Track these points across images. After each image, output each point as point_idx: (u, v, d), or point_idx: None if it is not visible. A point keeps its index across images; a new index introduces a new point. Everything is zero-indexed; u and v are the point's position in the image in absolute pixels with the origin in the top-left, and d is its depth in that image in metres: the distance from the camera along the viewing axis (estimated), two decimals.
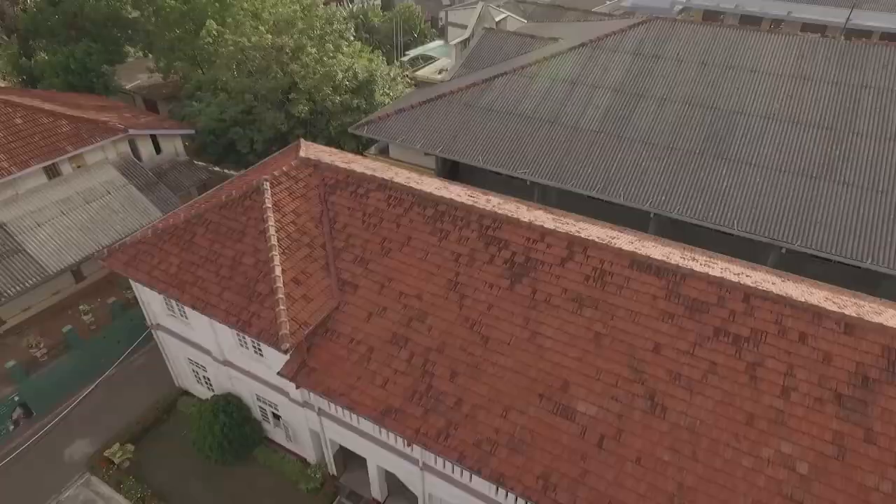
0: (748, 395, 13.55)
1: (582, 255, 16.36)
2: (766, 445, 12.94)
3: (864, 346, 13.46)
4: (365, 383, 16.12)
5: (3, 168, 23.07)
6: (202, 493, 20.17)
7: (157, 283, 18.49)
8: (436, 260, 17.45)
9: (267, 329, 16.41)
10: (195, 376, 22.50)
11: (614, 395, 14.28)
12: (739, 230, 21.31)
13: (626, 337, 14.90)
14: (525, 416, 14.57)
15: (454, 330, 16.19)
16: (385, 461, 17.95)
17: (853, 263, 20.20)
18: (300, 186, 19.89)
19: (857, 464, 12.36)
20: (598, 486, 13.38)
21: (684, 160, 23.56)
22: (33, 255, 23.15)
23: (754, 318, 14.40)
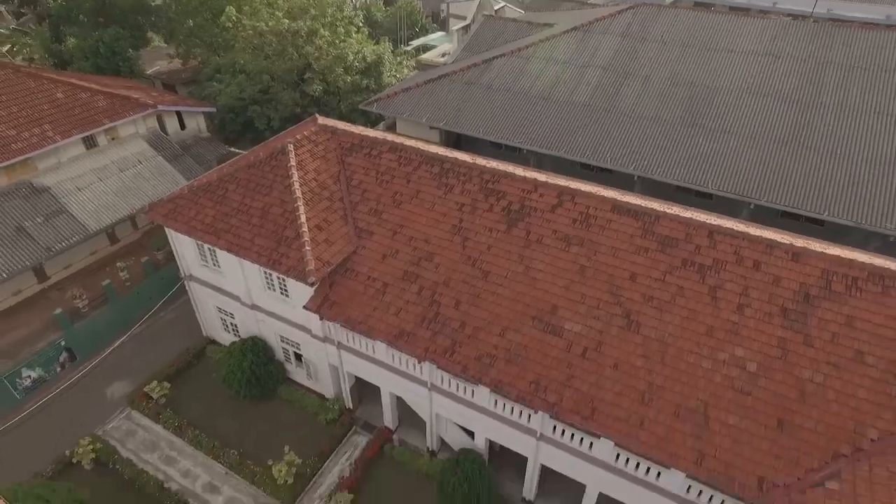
0: (709, 311, 15.91)
1: (570, 203, 18.69)
2: (723, 351, 15.30)
3: (808, 270, 15.81)
4: (380, 313, 18.48)
5: (49, 137, 25.40)
6: (231, 424, 22.49)
7: (194, 232, 20.84)
8: (442, 209, 19.79)
9: (295, 266, 18.77)
10: (223, 324, 24.82)
11: (596, 316, 16.64)
12: (713, 189, 23.65)
13: (607, 268, 17.25)
14: (519, 334, 16.93)
15: (458, 267, 18.54)
16: (397, 387, 20.29)
17: (814, 216, 22.52)
18: (320, 149, 22.22)
19: (796, 362, 14.72)
20: (582, 387, 15.74)
21: (666, 130, 25.90)
22: (75, 216, 25.48)
23: (716, 250, 16.74)
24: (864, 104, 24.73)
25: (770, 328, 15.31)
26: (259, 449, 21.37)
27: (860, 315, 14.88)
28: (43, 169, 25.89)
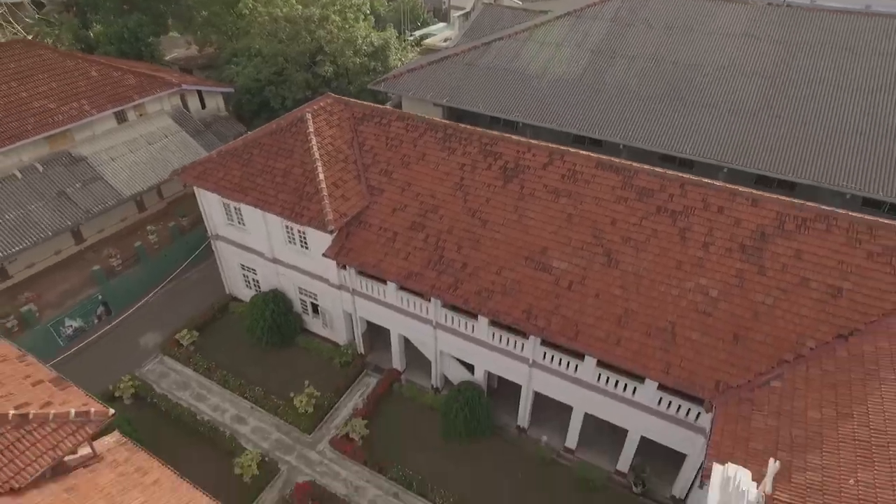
0: (678, 249, 18.28)
1: (559, 161, 21.05)
2: (689, 281, 17.68)
3: (764, 213, 18.17)
4: (391, 257, 20.87)
5: (85, 111, 27.77)
6: (254, 368, 24.87)
7: (223, 190, 23.24)
8: (445, 169, 22.16)
9: (315, 217, 21.16)
10: (245, 281, 27.20)
11: (580, 255, 19.02)
12: (692, 155, 25.98)
13: (591, 215, 19.62)
14: (514, 272, 19.31)
15: (460, 217, 20.92)
16: (405, 328, 22.68)
17: (783, 178, 24.82)
18: (335, 118, 24.59)
19: (751, 288, 17.10)
20: (567, 314, 18.13)
21: (650, 104, 28.24)
22: (110, 183, 27.87)
23: (686, 198, 19.09)
24: (829, 81, 27.08)
25: (730, 261, 17.68)
26: (280, 388, 23.73)
27: (807, 248, 17.24)
28: (79, 140, 28.27)
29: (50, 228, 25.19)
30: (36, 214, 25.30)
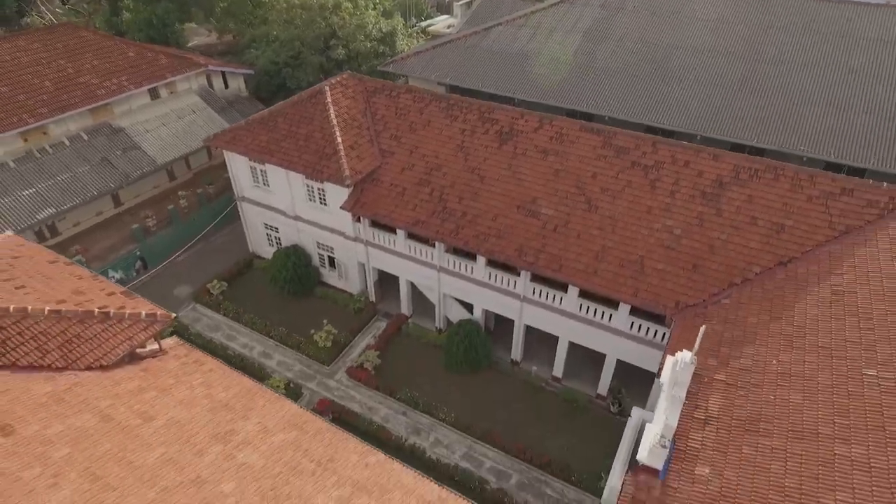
0: (648, 197, 21.19)
1: (548, 125, 23.96)
2: (657, 222, 20.60)
3: (723, 166, 21.05)
4: (401, 208, 23.83)
5: (124, 86, 30.79)
6: (278, 314, 27.82)
7: (252, 152, 26.23)
8: (448, 133, 25.09)
9: (334, 173, 24.14)
10: (268, 239, 30.18)
11: (565, 203, 21.95)
12: (671, 126, 28.82)
13: (575, 170, 22.54)
14: (507, 218, 22.25)
15: (460, 174, 23.86)
16: (412, 274, 25.64)
17: (754, 145, 27.65)
18: (350, 91, 27.54)
19: (709, 227, 20.01)
20: (553, 251, 21.07)
21: (635, 81, 31.09)
22: (146, 151, 30.89)
23: (657, 154, 21.99)
24: (795, 59, 29.93)
25: (692, 206, 20.59)
26: (300, 329, 26.67)
27: (757, 194, 20.14)
28: (118, 113, 31.29)
29: (95, 189, 28.22)
30: (83, 177, 28.33)
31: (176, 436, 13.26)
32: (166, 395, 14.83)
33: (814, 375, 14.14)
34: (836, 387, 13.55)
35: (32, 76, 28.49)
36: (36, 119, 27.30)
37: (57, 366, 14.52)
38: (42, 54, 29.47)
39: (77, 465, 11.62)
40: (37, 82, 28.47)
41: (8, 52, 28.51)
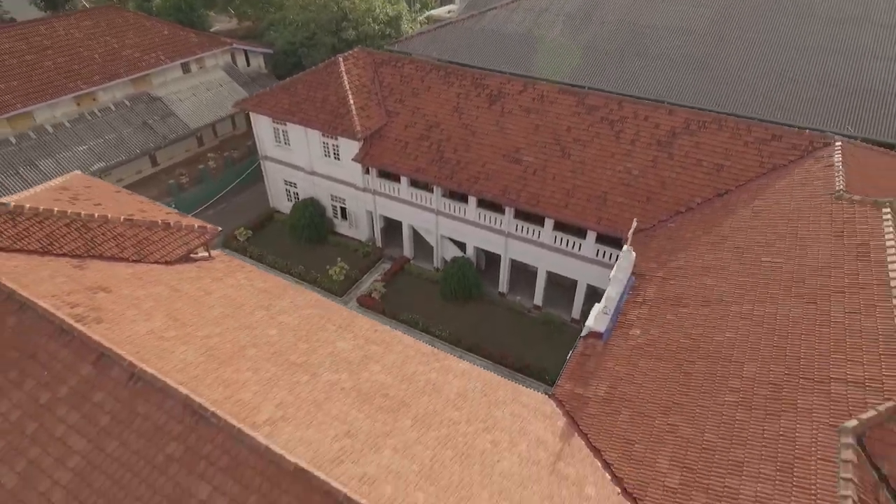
0: (613, 145, 24.95)
1: (532, 89, 27.73)
2: (619, 165, 24.35)
3: (676, 119, 24.76)
4: (404, 159, 27.67)
5: (161, 60, 34.76)
6: (296, 258, 31.64)
7: (276, 113, 30.12)
8: (445, 97, 28.88)
9: (347, 129, 27.99)
10: (286, 195, 34.08)
11: (543, 152, 25.72)
12: (645, 95, 32.50)
13: (552, 125, 26.30)
14: (495, 165, 26.05)
15: (455, 130, 27.67)
16: (413, 219, 29.48)
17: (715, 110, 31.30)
18: (360, 62, 31.39)
19: (661, 168, 23.76)
20: (532, 190, 24.86)
21: (613, 58, 34.80)
22: (180, 117, 34.86)
23: (622, 111, 25.73)
24: (756, 37, 33.59)
25: (649, 151, 24.34)
26: (316, 269, 30.56)
27: (703, 141, 23.87)
28: (156, 84, 35.27)
29: (138, 148, 32.20)
30: (127, 137, 32.31)
31: (229, 303, 17.18)
32: (218, 282, 18.75)
33: (726, 266, 17.92)
34: (740, 271, 17.33)
35: (84, 49, 32.49)
36: (88, 86, 31.29)
37: (132, 259, 18.45)
38: (91, 31, 33.46)
39: (160, 311, 15.56)
40: (87, 55, 32.47)
41: (63, 28, 32.51)
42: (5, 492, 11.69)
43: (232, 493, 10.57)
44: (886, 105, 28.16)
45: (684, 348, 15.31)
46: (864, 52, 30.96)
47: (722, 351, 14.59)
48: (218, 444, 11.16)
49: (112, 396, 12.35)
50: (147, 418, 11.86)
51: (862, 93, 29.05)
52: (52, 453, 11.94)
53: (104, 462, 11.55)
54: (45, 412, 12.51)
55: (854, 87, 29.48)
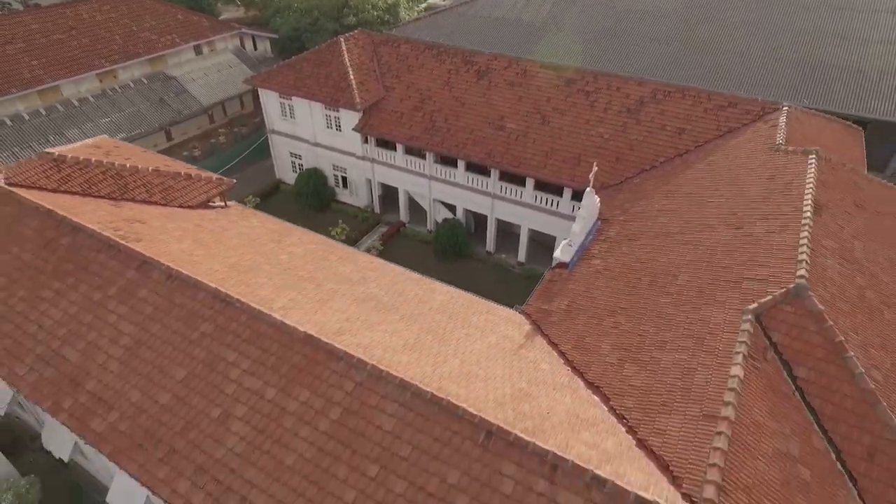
0: (588, 113, 27.50)
1: (516, 65, 30.27)
2: (593, 131, 26.91)
3: (645, 89, 27.28)
4: (400, 127, 30.25)
5: (176, 42, 37.35)
6: (301, 222, 33.90)
7: (283, 88, 32.70)
8: (437, 73, 31.44)
9: (348, 100, 30.57)
10: (292, 166, 36.67)
11: (525, 120, 28.29)
12: (622, 73, 35.06)
13: (534, 97, 28.85)
14: (481, 132, 28.63)
15: (446, 101, 30.24)
16: (408, 184, 32.08)
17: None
18: (360, 43, 33.96)
19: (630, 132, 26.30)
20: (514, 154, 27.43)
21: (594, 39, 37.35)
22: (194, 95, 37.46)
23: (597, 83, 28.28)
24: (726, 19, 36.11)
25: (619, 118, 26.89)
26: (319, 232, 33.08)
27: (667, 108, 26.41)
28: (171, 64, 37.87)
29: (156, 122, 34.81)
30: (146, 112, 34.93)
31: (246, 237, 19.83)
32: (234, 223, 21.38)
33: (678, 209, 20.49)
34: (688, 211, 19.89)
35: (105, 31, 35.10)
36: (111, 64, 33.91)
37: (160, 203, 21.07)
38: (111, 14, 36.05)
39: (188, 238, 18.20)
40: (108, 36, 35.07)
41: (87, 12, 35.11)
42: (71, 365, 14.34)
43: (254, 355, 13.17)
44: (835, 80, 30.75)
45: (634, 270, 17.89)
46: (819, 33, 33.54)
47: (663, 268, 17.18)
48: (242, 321, 13.80)
49: (153, 292, 14.97)
50: (183, 306, 14.49)
51: (815, 69, 31.62)
52: (106, 335, 14.57)
53: (149, 339, 14.18)
54: (98, 306, 15.14)
55: (809, 63, 32.05)
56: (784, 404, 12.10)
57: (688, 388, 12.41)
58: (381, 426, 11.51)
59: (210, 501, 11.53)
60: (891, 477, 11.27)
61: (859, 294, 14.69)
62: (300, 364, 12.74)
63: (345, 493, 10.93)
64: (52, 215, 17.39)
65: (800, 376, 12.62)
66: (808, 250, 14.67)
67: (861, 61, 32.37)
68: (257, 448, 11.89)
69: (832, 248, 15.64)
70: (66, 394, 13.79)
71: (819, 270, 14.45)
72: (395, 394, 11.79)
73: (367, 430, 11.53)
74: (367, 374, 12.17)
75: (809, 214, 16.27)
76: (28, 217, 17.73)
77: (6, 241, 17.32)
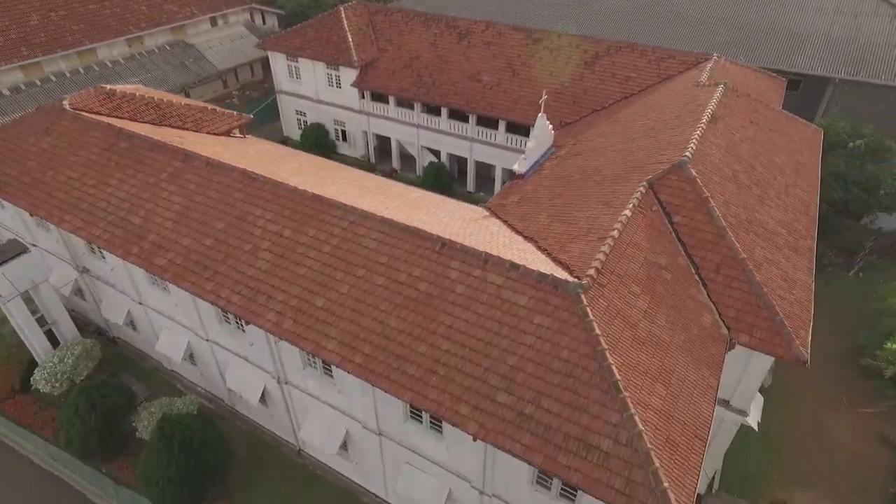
0: (552, 66, 31.75)
1: (492, 28, 34.56)
2: (554, 79, 31.17)
3: (600, 46, 31.57)
4: (392, 82, 34.56)
5: (195, 13, 41.61)
6: None
7: (290, 49, 36.99)
8: (425, 37, 35.73)
9: (347, 59, 34.87)
10: (297, 124, 40.95)
11: (498, 73, 32.58)
12: None
13: (506, 53, 33.12)
14: (461, 84, 32.93)
15: (432, 60, 34.53)
16: (399, 133, 36.40)
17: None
18: (357, 12, 38.23)
19: (585, 80, 30.57)
20: (489, 101, 31.75)
21: (567, 10, 41.59)
22: (210, 61, 41.75)
23: (560, 41, 32.51)
24: None
25: (577, 69, 31.14)
26: None
27: (618, 60, 30.66)
28: (189, 34, 42.16)
29: (178, 82, 39.11)
30: (169, 74, 39.22)
31: (263, 154, 24.18)
32: (253, 146, 25.71)
33: (614, 131, 24.80)
34: (621, 132, 24.20)
35: (133, 2, 39.35)
36: (139, 30, 38.20)
37: (192, 129, 25.39)
38: None
39: (218, 147, 22.49)
40: (136, 7, 39.34)
41: None
42: (135, 226, 18.74)
43: (274, 210, 17.57)
44: (771, 40, 35.08)
45: (572, 172, 22.23)
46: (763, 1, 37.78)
47: (594, 168, 21.51)
48: (265, 189, 18.21)
49: (196, 175, 19.38)
50: (220, 183, 18.90)
51: (754, 31, 35.96)
52: (161, 205, 19.00)
53: (195, 206, 18.58)
54: (153, 187, 19.57)
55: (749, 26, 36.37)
56: (661, 237, 16.47)
57: (592, 228, 16.76)
58: (367, 246, 15.91)
59: (245, 300, 15.92)
60: (729, 280, 15.62)
61: (733, 174, 19.04)
62: (309, 213, 17.12)
63: (340, 287, 15.33)
64: (112, 127, 21.80)
65: (676, 221, 16.97)
66: (697, 142, 18.99)
67: (795, 25, 36.64)
68: (278, 266, 16.29)
69: (719, 145, 19.97)
70: (133, 244, 18.19)
71: (702, 155, 18.77)
72: (377, 226, 16.19)
73: (356, 249, 15.93)
74: (358, 216, 16.57)
75: (705, 122, 20.58)
76: (92, 130, 22.13)
77: (76, 146, 21.71)
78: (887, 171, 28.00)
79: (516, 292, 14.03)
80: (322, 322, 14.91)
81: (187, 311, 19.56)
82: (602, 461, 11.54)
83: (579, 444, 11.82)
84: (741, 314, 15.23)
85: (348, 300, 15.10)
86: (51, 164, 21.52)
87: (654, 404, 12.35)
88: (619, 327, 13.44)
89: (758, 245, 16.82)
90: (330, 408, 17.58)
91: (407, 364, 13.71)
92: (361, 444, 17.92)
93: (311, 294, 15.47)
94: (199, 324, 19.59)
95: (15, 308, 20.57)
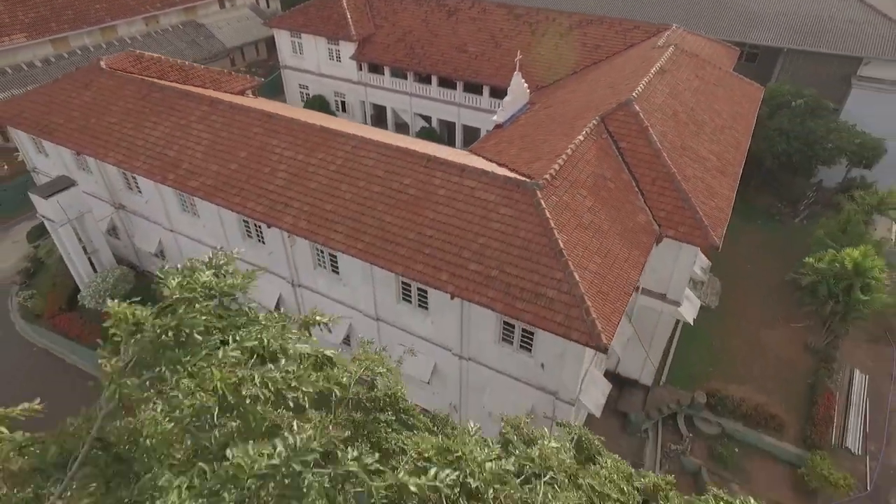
0: (529, 37, 35.02)
1: (478, 6, 37.82)
2: (532, 47, 34.43)
3: (573, 19, 34.85)
4: (387, 54, 37.80)
5: None
6: None
7: (294, 26, 40.14)
8: (417, 14, 38.94)
9: (346, 34, 38.07)
10: (300, 97, 44.10)
11: (482, 44, 35.84)
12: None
13: (489, 27, 36.39)
14: (449, 55, 36.18)
15: (423, 34, 37.77)
16: (394, 102, 39.65)
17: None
18: None
19: (561, 49, 33.87)
20: (474, 69, 35.00)
21: None
22: (220, 39, 44.85)
23: (539, 16, 35.77)
24: None
25: (553, 39, 34.40)
26: None
27: (590, 31, 33.95)
28: (200, 15, 45.25)
29: (190, 57, 42.19)
30: (182, 50, 42.32)
31: (274, 107, 27.35)
32: (265, 104, 28.87)
33: (580, 88, 28.10)
34: (587, 88, 27.49)
35: None
36: (155, 10, 41.27)
37: (212, 88, 28.57)
38: None
39: (246, 103, 25.67)
40: None
41: None
42: (170, 158, 21.97)
43: (289, 140, 20.85)
44: (726, 13, 38.47)
45: (542, 119, 25.54)
46: None
47: (559, 113, 24.81)
48: (281, 124, 21.45)
49: (221, 116, 22.61)
50: (241, 121, 22.15)
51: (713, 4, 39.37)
52: (191, 141, 22.20)
53: (220, 140, 21.82)
54: (184, 127, 22.79)
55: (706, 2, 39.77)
56: (608, 157, 19.82)
57: (551, 151, 20.08)
58: (366, 164, 19.21)
59: (266, 209, 19.20)
60: (661, 189, 18.98)
61: (674, 113, 22.40)
62: (318, 141, 20.40)
63: (345, 195, 18.64)
64: (145, 81, 25.01)
65: (621, 146, 20.32)
66: (644, 87, 22.32)
67: (750, 2, 40.01)
68: (293, 182, 19.57)
69: (664, 92, 23.31)
70: (169, 171, 21.44)
71: (647, 97, 22.11)
72: (375, 148, 19.50)
73: (358, 167, 19.23)
74: (359, 141, 19.88)
75: (653, 73, 23.91)
76: (127, 84, 25.31)
77: (114, 98, 24.90)
78: (823, 126, 31.43)
79: (487, 192, 17.38)
80: (330, 221, 18.22)
81: (214, 231, 22.84)
82: (548, 304, 14.90)
83: (531, 294, 15.18)
84: (670, 215, 18.61)
85: (351, 204, 18.41)
86: (93, 113, 24.70)
87: (591, 268, 15.71)
88: (566, 217, 16.80)
89: (689, 166, 20.20)
90: (337, 303, 20.90)
91: (399, 247, 17.05)
92: (362, 333, 21.26)
93: (321, 201, 18.77)
94: (224, 241, 22.86)
95: (65, 233, 23.79)
